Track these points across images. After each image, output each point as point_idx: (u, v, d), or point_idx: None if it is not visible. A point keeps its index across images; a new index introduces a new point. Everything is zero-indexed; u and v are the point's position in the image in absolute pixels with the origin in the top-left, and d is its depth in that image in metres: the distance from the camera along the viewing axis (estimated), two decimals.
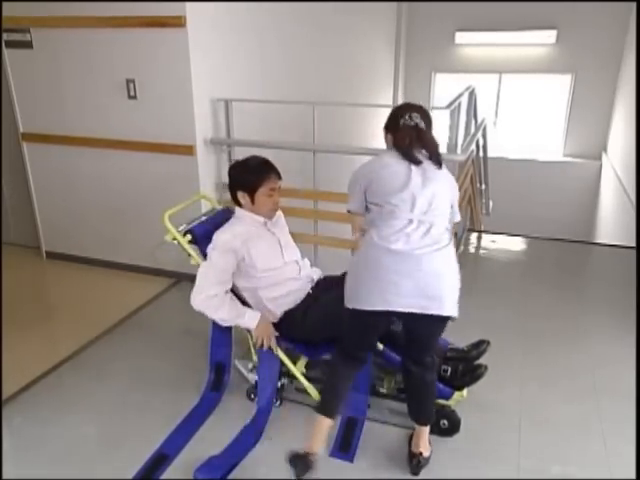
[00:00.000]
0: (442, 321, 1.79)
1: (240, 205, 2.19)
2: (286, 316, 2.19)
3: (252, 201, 2.14)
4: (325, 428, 1.91)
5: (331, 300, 2.14)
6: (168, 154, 3.24)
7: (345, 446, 2.03)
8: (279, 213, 2.30)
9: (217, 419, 2.20)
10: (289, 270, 2.21)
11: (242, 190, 2.14)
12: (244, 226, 2.15)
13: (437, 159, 1.83)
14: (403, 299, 1.70)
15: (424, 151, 1.81)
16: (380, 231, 1.75)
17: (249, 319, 2.11)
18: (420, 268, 1.70)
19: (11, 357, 2.58)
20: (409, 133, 1.82)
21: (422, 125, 1.84)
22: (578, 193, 8.32)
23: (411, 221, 1.74)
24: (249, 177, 2.13)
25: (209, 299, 2.04)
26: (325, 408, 1.93)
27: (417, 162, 1.79)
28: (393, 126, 1.88)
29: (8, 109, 3.56)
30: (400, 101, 8.01)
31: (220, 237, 2.10)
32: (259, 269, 2.13)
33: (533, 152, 8.51)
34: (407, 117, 1.86)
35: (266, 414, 2.14)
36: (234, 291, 2.19)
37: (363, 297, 1.75)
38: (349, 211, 1.93)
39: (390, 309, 1.71)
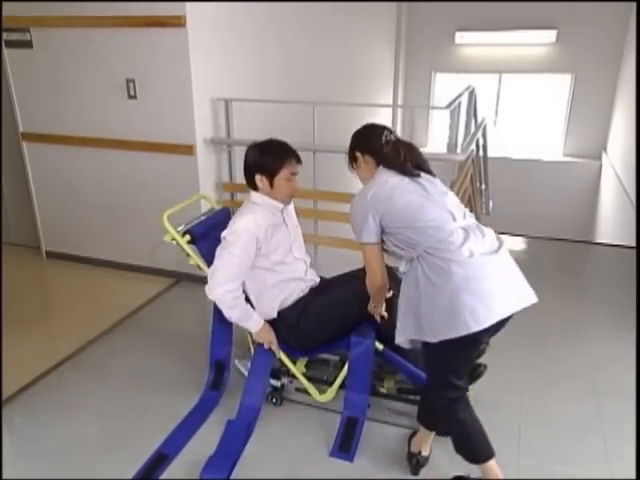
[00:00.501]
0: None
1: (256, 189, 2.10)
2: (280, 320, 2.15)
3: (271, 185, 2.05)
4: (492, 466, 1.74)
5: (323, 304, 2.13)
6: (168, 154, 3.24)
7: (345, 446, 2.02)
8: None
9: (217, 419, 2.19)
10: (297, 268, 2.17)
11: (261, 173, 2.04)
12: (263, 213, 2.06)
13: (429, 169, 1.80)
14: (507, 303, 1.58)
15: (410, 164, 1.76)
16: (444, 249, 1.61)
17: (253, 324, 2.10)
18: (501, 268, 1.63)
19: (11, 356, 2.58)
20: (400, 147, 1.77)
21: (403, 139, 1.81)
22: (578, 193, 8.32)
23: (465, 229, 1.65)
24: (270, 160, 2.04)
25: (225, 294, 2.00)
26: (483, 454, 1.75)
27: (416, 175, 1.74)
28: (373, 146, 1.81)
29: (8, 109, 3.56)
30: (400, 101, 8.01)
31: (243, 225, 2.00)
32: (272, 261, 2.08)
33: (533, 152, 8.51)
34: (387, 133, 1.81)
35: (255, 412, 2.13)
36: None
37: (469, 319, 1.54)
38: (363, 243, 1.76)
39: (500, 318, 1.56)
